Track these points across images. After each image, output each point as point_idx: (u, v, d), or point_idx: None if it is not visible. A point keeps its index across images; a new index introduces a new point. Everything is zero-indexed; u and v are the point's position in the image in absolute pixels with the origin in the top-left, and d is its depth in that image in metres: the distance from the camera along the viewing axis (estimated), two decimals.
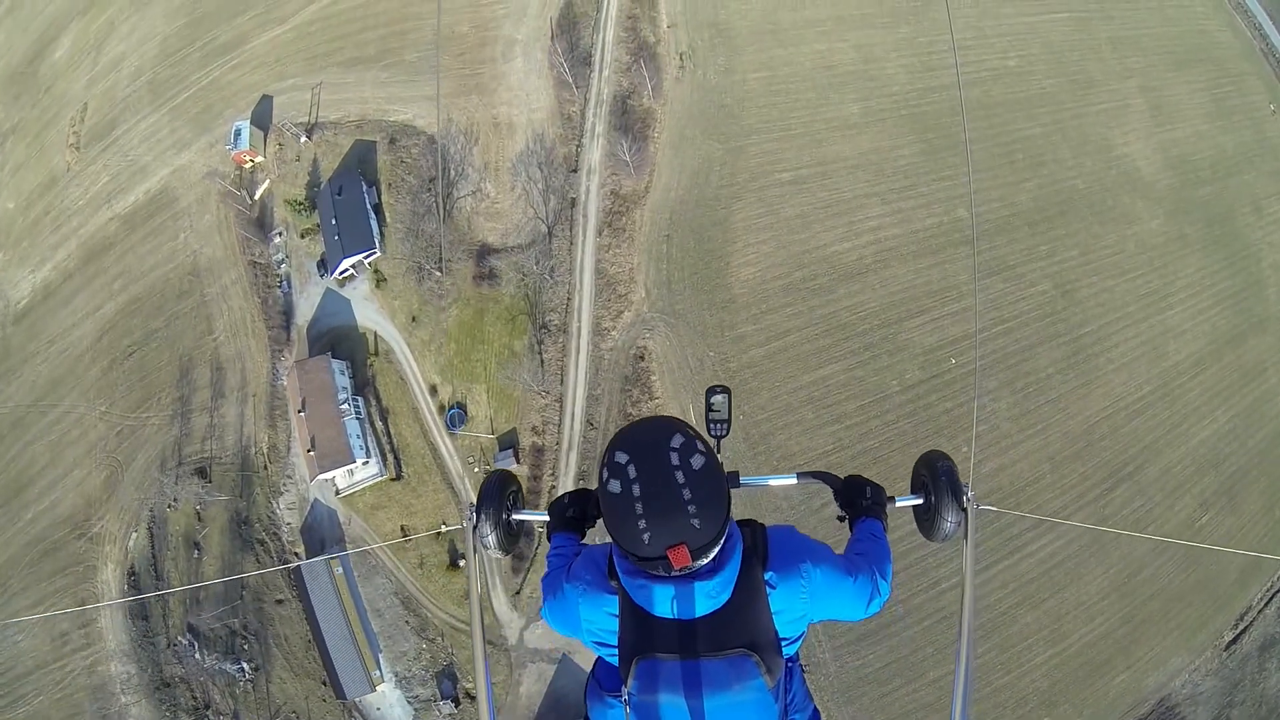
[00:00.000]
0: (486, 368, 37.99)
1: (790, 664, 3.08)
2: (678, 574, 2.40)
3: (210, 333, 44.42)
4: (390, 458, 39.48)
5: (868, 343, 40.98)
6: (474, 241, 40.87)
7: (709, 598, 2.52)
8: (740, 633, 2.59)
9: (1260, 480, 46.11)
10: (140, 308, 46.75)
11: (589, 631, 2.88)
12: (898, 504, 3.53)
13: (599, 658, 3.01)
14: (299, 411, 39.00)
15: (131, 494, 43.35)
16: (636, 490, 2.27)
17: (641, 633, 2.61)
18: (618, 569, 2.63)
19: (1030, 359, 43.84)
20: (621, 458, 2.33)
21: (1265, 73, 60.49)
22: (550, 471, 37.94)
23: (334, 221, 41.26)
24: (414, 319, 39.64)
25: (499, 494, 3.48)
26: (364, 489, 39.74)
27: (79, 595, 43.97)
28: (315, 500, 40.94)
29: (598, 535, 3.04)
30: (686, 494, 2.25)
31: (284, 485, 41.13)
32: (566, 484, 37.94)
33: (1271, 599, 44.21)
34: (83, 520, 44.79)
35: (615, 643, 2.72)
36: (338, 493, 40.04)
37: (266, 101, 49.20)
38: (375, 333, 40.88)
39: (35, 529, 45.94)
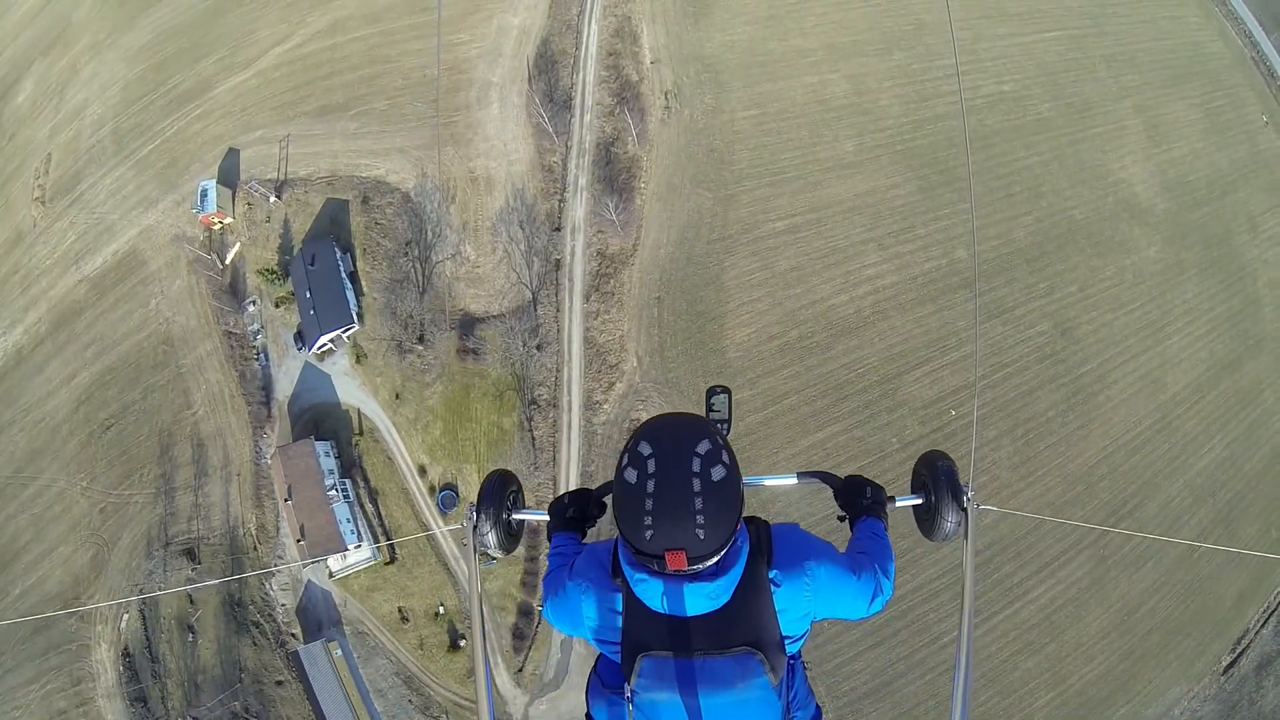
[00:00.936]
0: (476, 447, 34.21)
1: (793, 662, 2.81)
2: (678, 574, 2.22)
3: (189, 407, 40.19)
4: (383, 540, 35.93)
5: (866, 401, 37.37)
6: (455, 310, 36.51)
7: (709, 599, 2.31)
8: (744, 630, 2.38)
9: (1256, 504, 43.47)
10: (115, 378, 42.33)
11: (591, 628, 2.63)
12: (898, 504, 3.25)
13: (601, 655, 2.74)
14: (285, 500, 35.23)
15: (120, 574, 39.67)
16: (650, 486, 2.09)
17: (644, 629, 2.39)
18: (621, 557, 2.42)
19: (1030, 404, 40.51)
20: (645, 449, 2.15)
21: (1257, 82, 55.89)
22: (547, 552, 34.46)
23: (308, 295, 36.70)
24: (397, 396, 35.59)
25: (499, 493, 3.20)
26: (358, 572, 36.30)
27: (73, 674, 40.64)
28: (309, 581, 37.50)
29: (598, 535, 2.91)
30: (698, 503, 2.07)
31: (275, 564, 37.59)
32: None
33: (1268, 619, 42.03)
34: (72, 599, 41.22)
35: (617, 639, 2.49)
36: (331, 575, 36.58)
37: (233, 155, 43.92)
38: (359, 410, 36.84)
39: (24, 605, 42.41)
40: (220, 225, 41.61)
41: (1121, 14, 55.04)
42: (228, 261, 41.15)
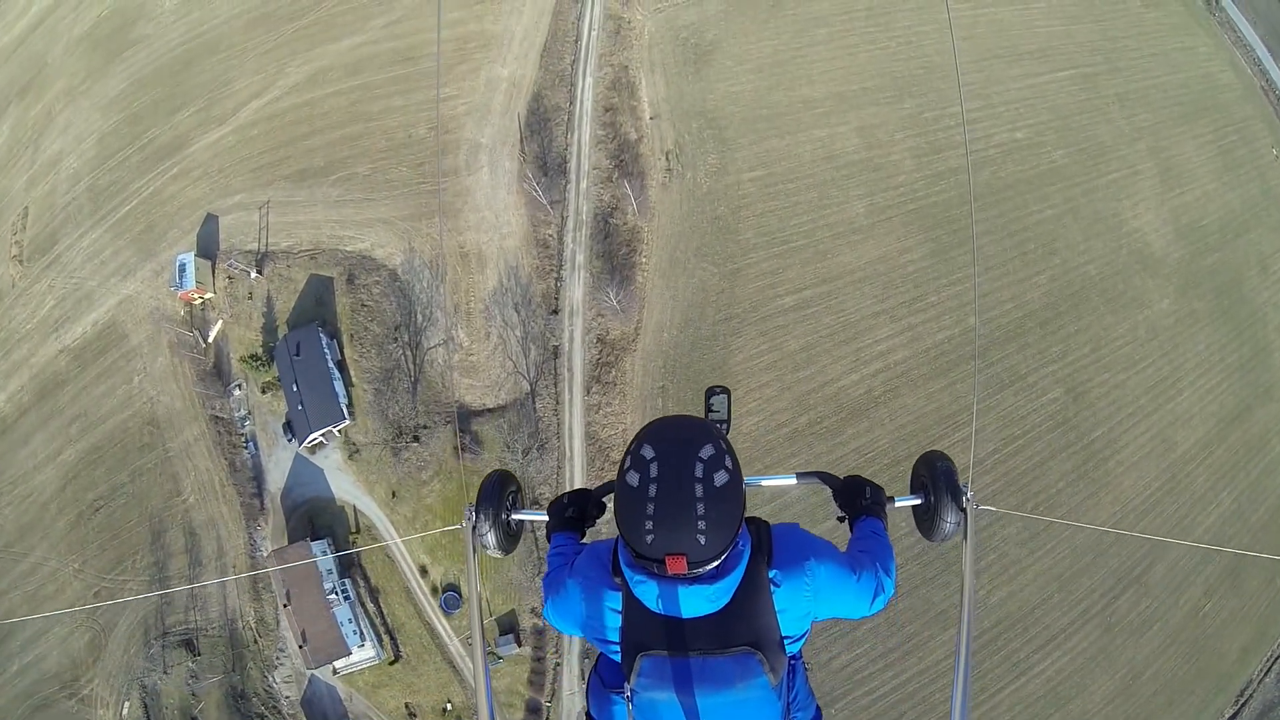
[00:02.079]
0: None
1: (793, 662, 2.60)
2: (679, 577, 2.03)
3: (179, 493, 35.86)
4: (386, 639, 32.19)
5: (869, 477, 33.22)
6: (449, 401, 31.97)
7: (709, 601, 2.10)
8: (744, 630, 2.17)
9: (1262, 558, 40.34)
10: (102, 458, 37.84)
11: (591, 627, 2.41)
12: (897, 504, 3.02)
13: (601, 654, 2.51)
14: (285, 605, 31.34)
15: (118, 662, 35.93)
16: (652, 490, 1.89)
17: (643, 629, 2.18)
18: (620, 558, 2.18)
19: (1041, 475, 36.70)
20: (648, 452, 1.94)
21: (1267, 113, 50.37)
22: (554, 649, 30.96)
23: (295, 388, 32.01)
24: (394, 494, 31.35)
25: (498, 493, 2.93)
26: (363, 670, 32.68)
27: None
28: (313, 675, 33.92)
29: (597, 535, 2.66)
30: (700, 509, 1.88)
31: (278, 659, 33.86)
32: (572, 663, 31.05)
33: (1271, 668, 39.26)
34: (71, 680, 37.52)
35: (617, 639, 2.28)
36: (335, 672, 32.95)
37: (212, 222, 38.47)
38: (354, 506, 32.63)
39: (23, 683, 38.86)
40: (201, 301, 36.57)
41: (1133, 47, 49.18)
42: (210, 340, 36.24)
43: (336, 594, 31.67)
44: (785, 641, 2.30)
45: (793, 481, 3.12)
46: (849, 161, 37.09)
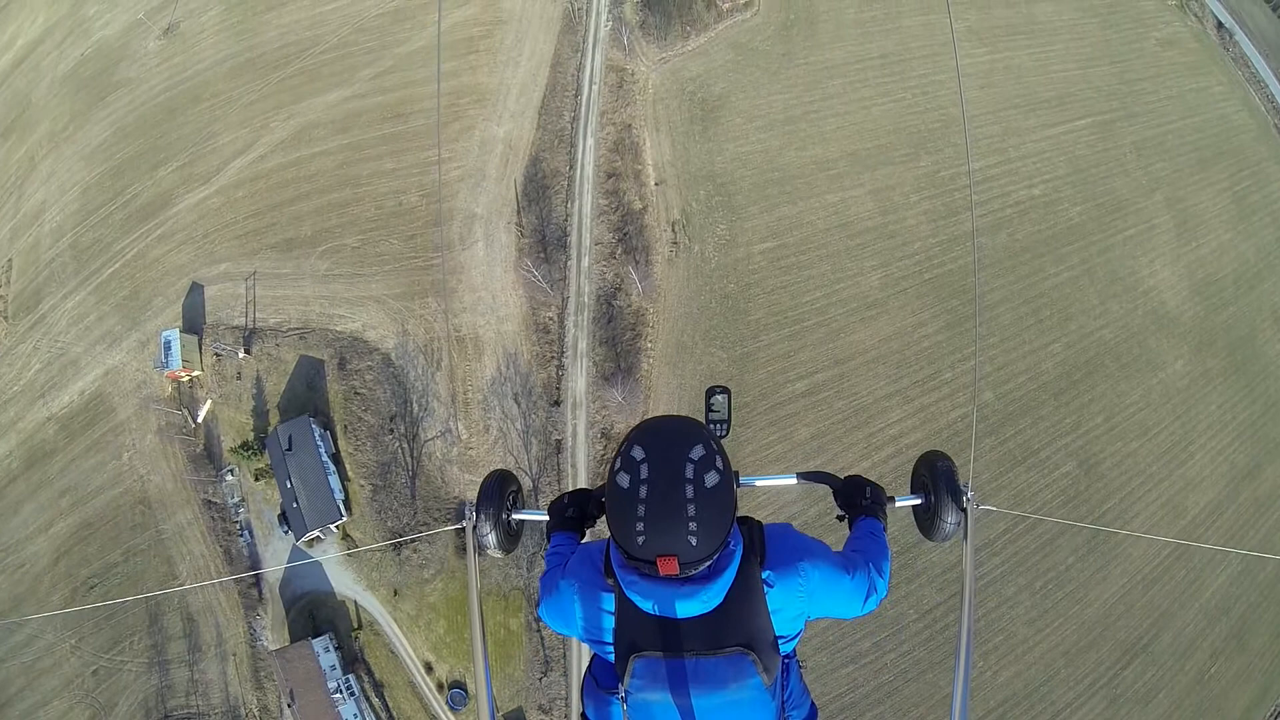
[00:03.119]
0: None
1: (787, 661, 2.46)
2: (670, 578, 1.88)
3: (174, 576, 32.55)
4: None
5: None
6: (449, 497, 28.53)
7: (701, 602, 1.96)
8: (737, 631, 2.04)
9: (1268, 613, 37.37)
10: (94, 534, 34.44)
11: (585, 629, 2.25)
12: (897, 504, 2.86)
13: (595, 655, 2.36)
14: (288, 705, 28.43)
15: None
16: (643, 492, 1.77)
17: (636, 630, 2.05)
18: (613, 560, 2.03)
19: (1051, 553, 33.73)
20: (638, 453, 1.81)
21: None
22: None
23: (289, 484, 28.53)
24: (396, 592, 28.20)
25: (498, 493, 2.72)
26: None
27: None
28: None
29: (596, 535, 2.44)
30: (690, 510, 1.76)
31: None
32: None
33: None
34: None
35: (610, 640, 2.14)
36: None
37: (197, 292, 34.33)
38: (355, 602, 29.52)
39: None
40: (189, 379, 32.79)
41: (1149, 90, 44.56)
42: (199, 420, 32.54)
43: (341, 692, 28.79)
44: (779, 641, 2.13)
45: (793, 481, 2.89)
46: (863, 229, 33.04)
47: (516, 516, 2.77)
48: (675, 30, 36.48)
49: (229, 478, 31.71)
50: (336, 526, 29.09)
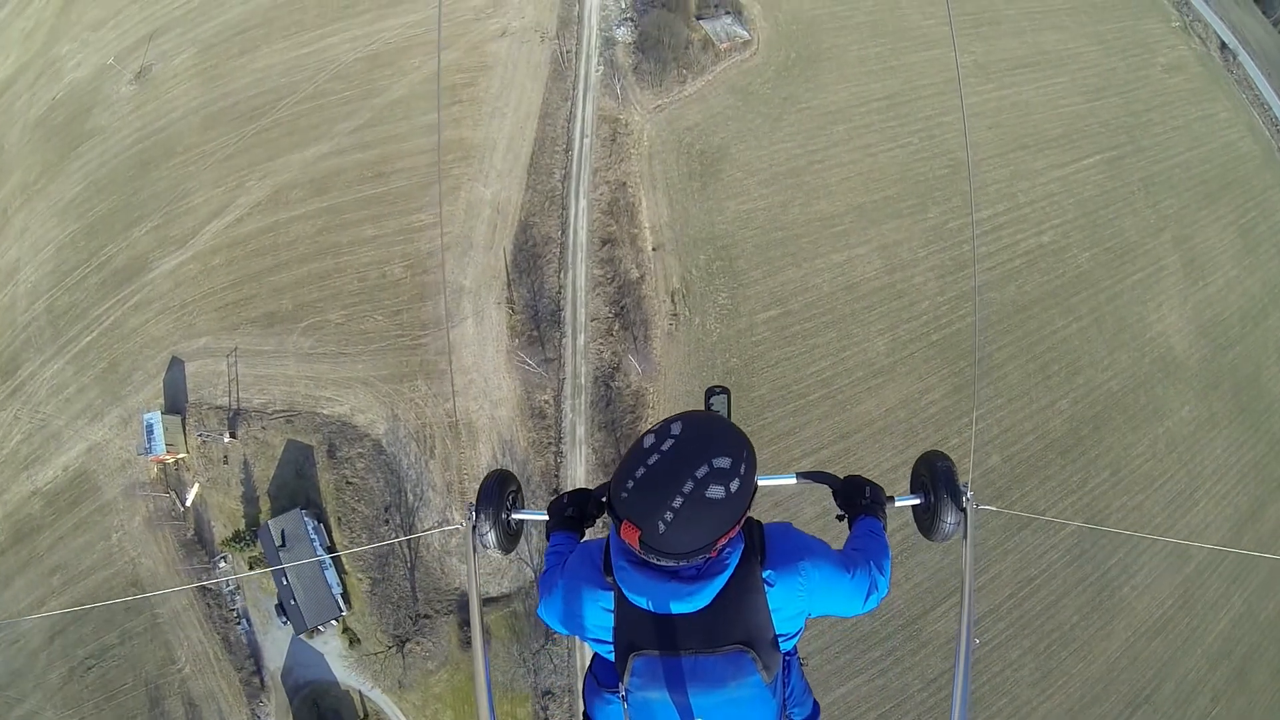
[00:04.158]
0: None
1: (788, 658, 2.40)
2: (660, 566, 1.78)
3: (173, 661, 30.03)
4: None
5: (889, 648, 28.11)
6: (449, 589, 25.91)
7: (688, 602, 1.83)
8: (737, 629, 1.93)
9: (1269, 651, 35.62)
10: (88, 614, 31.74)
11: (585, 627, 2.12)
12: (897, 504, 2.77)
13: (596, 654, 2.24)
14: None
15: None
16: (653, 459, 1.68)
17: (635, 628, 1.94)
18: (610, 546, 1.94)
19: (1055, 614, 31.57)
20: (675, 428, 1.73)
21: None
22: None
23: (285, 581, 25.82)
24: (400, 684, 25.82)
25: (498, 493, 2.59)
26: None
27: None
28: None
29: (596, 535, 2.32)
30: (676, 502, 1.64)
31: None
32: None
33: None
34: None
35: (610, 638, 2.02)
36: None
37: (178, 367, 30.98)
38: (360, 692, 27.16)
39: None
40: (174, 461, 29.78)
41: (1156, 121, 40.81)
42: (188, 503, 29.59)
43: None
44: (779, 639, 2.03)
45: (793, 481, 2.79)
46: (870, 290, 29.82)
47: (516, 516, 2.62)
48: (671, 75, 32.55)
49: (222, 564, 29.00)
50: (336, 620, 26.54)
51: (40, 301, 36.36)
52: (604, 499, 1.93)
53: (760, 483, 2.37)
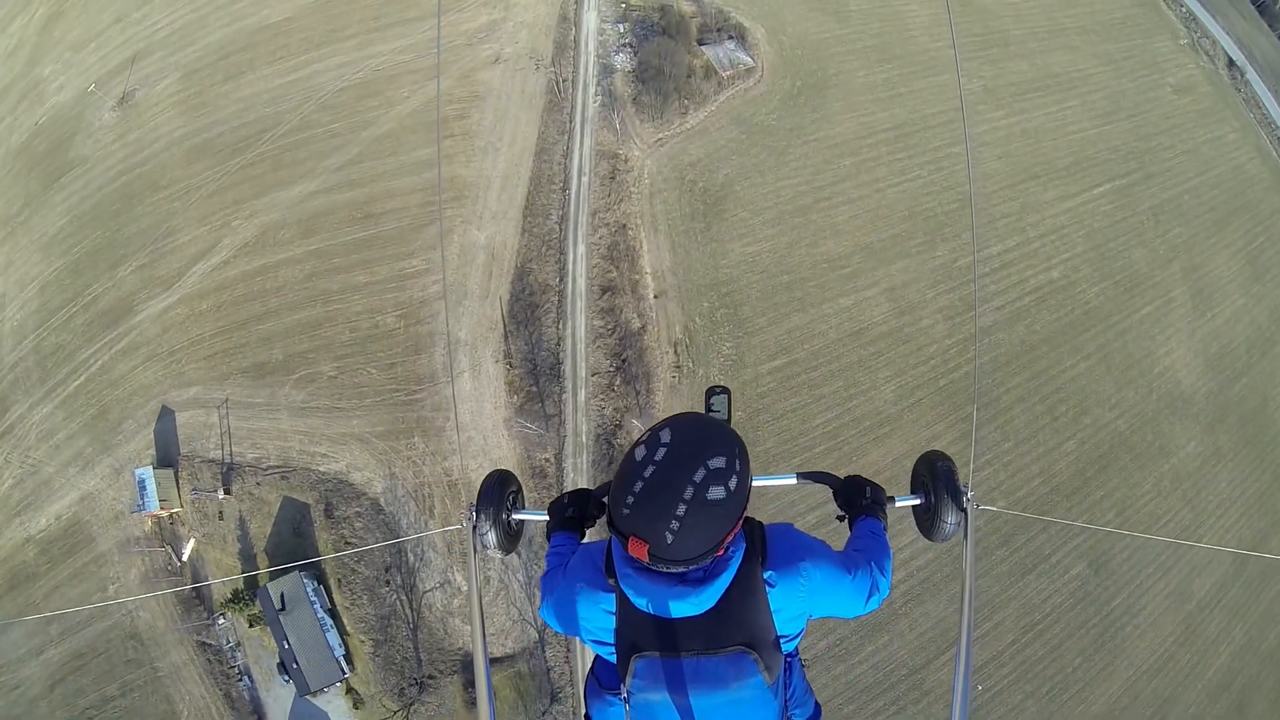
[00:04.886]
0: None
1: (790, 659, 2.28)
2: (660, 573, 1.70)
3: (175, 716, 28.61)
4: None
5: (893, 698, 26.78)
6: (452, 649, 24.51)
7: (693, 604, 1.76)
8: (738, 631, 1.84)
9: (1268, 681, 34.82)
10: (87, 665, 30.25)
11: (587, 629, 2.03)
12: (897, 504, 2.64)
13: (597, 656, 2.17)
14: None
15: None
16: (649, 471, 1.60)
17: (637, 630, 1.85)
18: (613, 551, 1.84)
19: (1059, 657, 30.39)
20: (665, 435, 1.65)
21: None
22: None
23: (286, 645, 24.33)
24: None
25: (499, 493, 2.47)
26: None
27: None
28: None
29: (597, 535, 2.21)
30: (680, 510, 1.58)
31: None
32: None
33: None
34: None
35: (611, 640, 1.93)
36: None
37: (168, 417, 29.09)
38: None
39: None
40: (169, 515, 28.14)
41: (1165, 146, 38.53)
42: (184, 558, 27.93)
43: None
44: (780, 640, 1.94)
45: (793, 481, 2.70)
46: (878, 335, 28.00)
47: (516, 516, 2.53)
48: (672, 106, 30.20)
49: (221, 621, 27.57)
50: (340, 683, 25.23)
51: (27, 341, 34.26)
52: (603, 499, 2.09)
53: (761, 483, 2.33)
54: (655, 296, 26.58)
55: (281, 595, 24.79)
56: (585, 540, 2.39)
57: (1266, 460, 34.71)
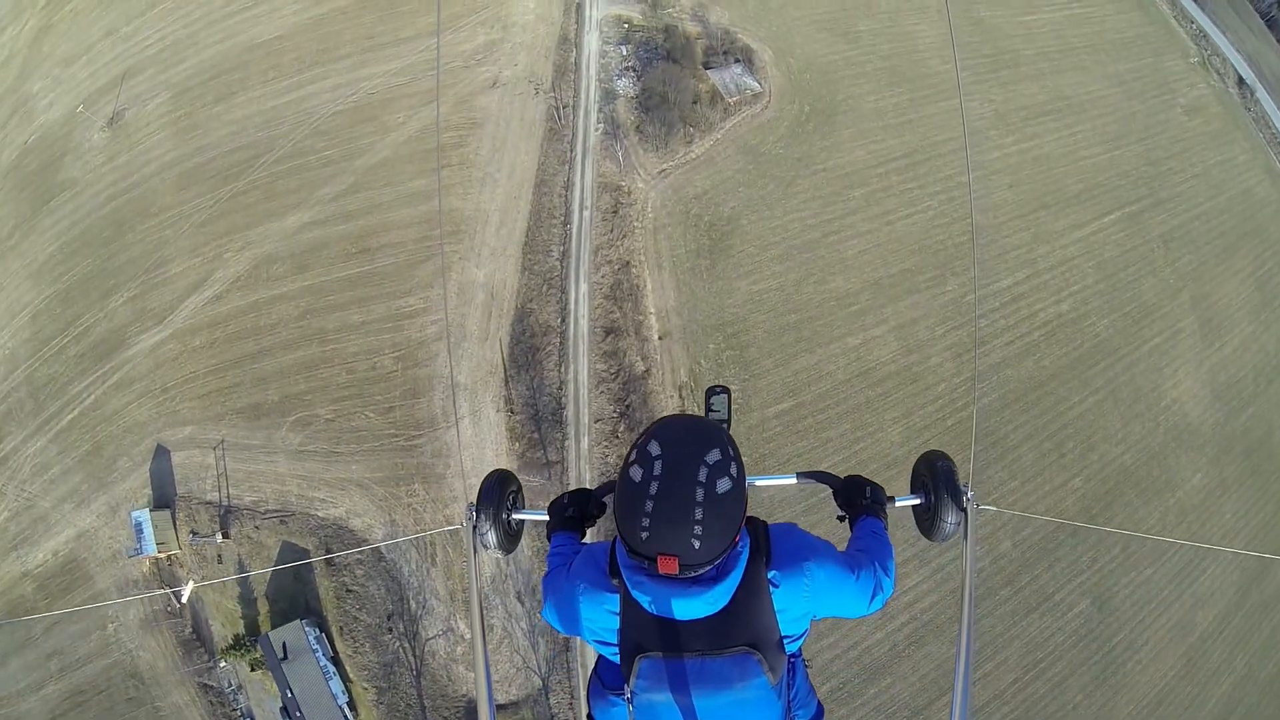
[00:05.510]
0: None
1: (793, 660, 2.19)
2: (675, 578, 1.66)
3: None
4: None
5: None
6: (456, 696, 23.64)
7: (705, 604, 1.73)
8: (743, 631, 1.80)
9: (1268, 709, 34.10)
10: (88, 701, 29.26)
11: (590, 630, 1.99)
12: (897, 504, 2.58)
13: (600, 656, 2.08)
14: None
15: None
16: (653, 488, 1.56)
17: (641, 631, 1.81)
18: (619, 558, 1.78)
19: (1060, 694, 29.41)
20: (654, 449, 1.60)
21: None
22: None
23: (290, 694, 23.43)
24: None
25: (499, 493, 2.39)
26: None
27: None
28: None
29: (597, 535, 2.38)
30: (698, 513, 1.55)
31: None
32: None
33: None
34: None
35: (616, 641, 1.89)
36: None
37: (164, 456, 27.74)
38: None
39: None
40: (167, 557, 27.09)
41: (1176, 170, 36.92)
42: (184, 600, 26.95)
43: None
44: (784, 641, 1.90)
45: (793, 481, 2.60)
46: (885, 375, 26.76)
47: (516, 516, 2.44)
48: (677, 135, 28.60)
49: (223, 664, 26.71)
50: None
51: (20, 370, 32.84)
52: (604, 499, 2.11)
53: (761, 483, 2.43)
54: (660, 338, 25.25)
55: (284, 644, 23.83)
56: (586, 540, 2.35)
57: (1270, 491, 33.75)
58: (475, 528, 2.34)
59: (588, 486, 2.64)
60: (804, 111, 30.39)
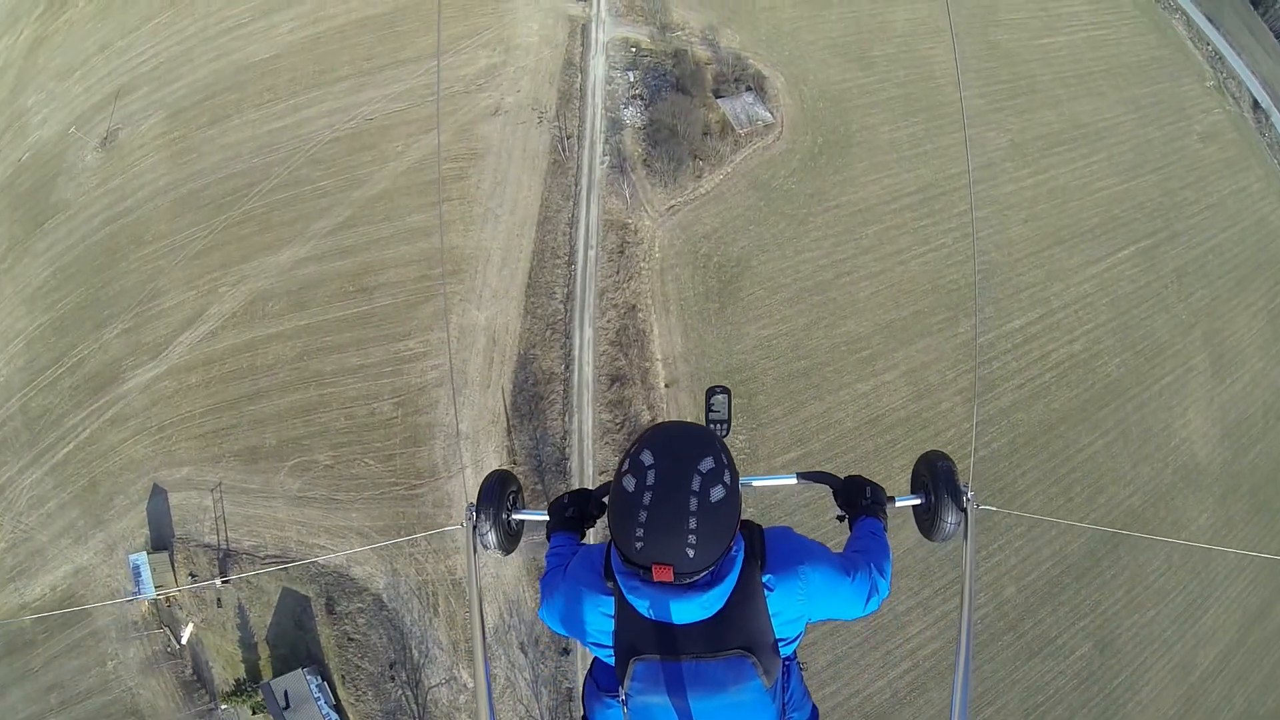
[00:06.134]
0: None
1: (788, 663, 2.19)
2: (669, 585, 1.63)
3: None
4: None
5: None
6: None
7: (701, 609, 1.70)
8: (738, 634, 1.79)
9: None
10: None
11: (585, 631, 1.96)
12: (897, 504, 2.56)
13: (596, 658, 2.07)
14: None
15: None
16: (647, 498, 1.54)
17: (636, 633, 1.79)
18: (614, 563, 1.74)
19: None
20: (646, 458, 1.58)
21: None
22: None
23: None
24: None
25: (499, 493, 2.38)
26: None
27: None
28: None
29: (597, 536, 2.23)
30: (692, 523, 1.54)
31: None
32: None
33: None
34: None
35: (611, 643, 1.87)
36: None
37: (160, 497, 26.60)
38: None
39: None
40: (166, 599, 26.25)
41: (1190, 200, 35.39)
42: (184, 641, 26.25)
43: None
44: (779, 644, 1.88)
45: (793, 481, 2.60)
46: (895, 421, 25.63)
47: (516, 516, 2.44)
48: (686, 169, 27.12)
49: (224, 708, 26.03)
50: None
51: (14, 400, 31.60)
52: (603, 499, 2.10)
53: (761, 483, 2.44)
54: (666, 386, 24.05)
55: (285, 694, 23.10)
56: (585, 541, 2.29)
57: (1276, 528, 32.98)
58: (475, 527, 2.29)
59: (588, 487, 2.55)
60: (817, 144, 28.85)
